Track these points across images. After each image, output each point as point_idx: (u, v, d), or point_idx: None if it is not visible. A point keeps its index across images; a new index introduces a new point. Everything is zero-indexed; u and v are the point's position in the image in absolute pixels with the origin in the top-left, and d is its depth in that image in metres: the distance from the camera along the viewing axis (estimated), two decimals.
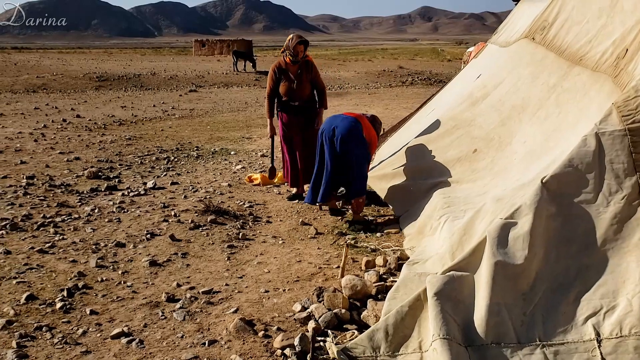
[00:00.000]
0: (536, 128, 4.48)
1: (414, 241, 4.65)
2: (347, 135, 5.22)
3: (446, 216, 4.39)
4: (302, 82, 6.00)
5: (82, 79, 23.33)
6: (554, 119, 4.30)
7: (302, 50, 5.96)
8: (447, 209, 4.48)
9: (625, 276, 2.94)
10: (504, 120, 5.05)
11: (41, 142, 9.75)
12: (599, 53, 4.12)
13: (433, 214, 4.64)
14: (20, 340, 3.18)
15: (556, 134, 4.12)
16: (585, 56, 4.35)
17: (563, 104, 4.29)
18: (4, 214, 5.52)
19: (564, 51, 4.77)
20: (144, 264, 4.35)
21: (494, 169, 4.76)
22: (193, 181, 7.13)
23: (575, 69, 4.42)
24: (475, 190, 4.63)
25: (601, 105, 3.59)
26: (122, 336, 3.27)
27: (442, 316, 2.86)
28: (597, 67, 4.04)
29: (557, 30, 5.08)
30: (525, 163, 4.25)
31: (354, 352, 2.87)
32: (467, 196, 4.55)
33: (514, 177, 4.21)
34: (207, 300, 3.75)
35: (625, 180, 3.08)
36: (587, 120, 3.67)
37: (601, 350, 2.77)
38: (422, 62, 37.83)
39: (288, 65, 6.00)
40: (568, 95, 4.31)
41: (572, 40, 4.76)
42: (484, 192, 4.44)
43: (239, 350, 3.12)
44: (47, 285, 3.96)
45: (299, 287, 3.98)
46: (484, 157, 4.99)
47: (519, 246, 3.02)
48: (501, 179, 4.45)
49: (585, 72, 4.22)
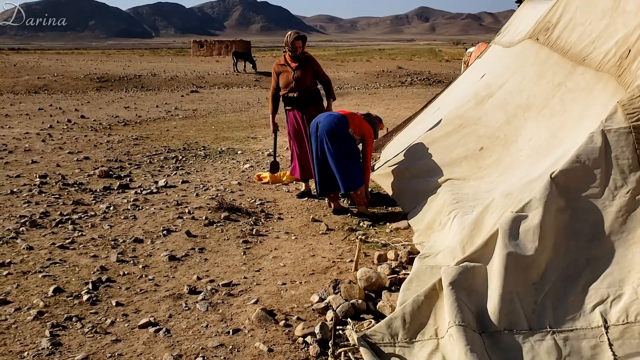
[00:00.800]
0: (541, 126, 4.62)
1: (423, 236, 4.80)
2: (329, 131, 5.39)
3: (455, 212, 4.53)
4: (302, 73, 6.11)
5: (83, 80, 23.45)
6: (559, 117, 4.44)
7: (300, 46, 6.10)
8: (455, 204, 4.62)
9: (630, 266, 3.08)
10: (509, 119, 5.20)
11: (49, 142, 9.88)
12: (602, 53, 4.26)
13: (442, 209, 4.78)
14: (52, 330, 3.32)
15: (561, 132, 4.26)
16: (589, 56, 4.49)
17: (567, 103, 4.43)
18: (21, 211, 5.66)
19: (567, 51, 4.92)
20: (163, 258, 4.50)
21: (500, 165, 4.90)
22: (203, 180, 7.27)
23: (579, 69, 4.57)
24: (483, 187, 4.77)
25: (605, 104, 3.74)
26: (149, 326, 3.41)
27: (457, 304, 3.00)
28: (600, 66, 4.19)
29: (561, 31, 5.23)
30: (532, 160, 4.40)
31: (374, 339, 3.02)
32: (475, 193, 4.69)
33: (521, 173, 4.35)
34: (227, 292, 3.90)
35: (630, 176, 3.22)
36: (592, 117, 3.81)
37: (609, 336, 2.91)
38: (420, 63, 38.00)
39: (288, 61, 6.16)
40: (572, 95, 4.45)
41: (575, 40, 4.90)
42: (492, 188, 4.58)
43: (262, 338, 3.27)
44: (72, 278, 4.10)
45: (315, 280, 4.12)
46: (490, 155, 5.13)
47: (530, 238, 3.16)
48: (508, 175, 4.59)
49: (589, 72, 4.36)
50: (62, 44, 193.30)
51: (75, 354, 3.08)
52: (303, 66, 6.14)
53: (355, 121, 5.58)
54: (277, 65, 6.26)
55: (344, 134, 5.45)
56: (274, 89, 6.32)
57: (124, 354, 3.10)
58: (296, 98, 6.17)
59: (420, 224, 5.07)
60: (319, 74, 6.29)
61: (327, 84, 6.41)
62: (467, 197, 4.71)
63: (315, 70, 6.24)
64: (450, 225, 4.44)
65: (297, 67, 6.11)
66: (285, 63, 6.17)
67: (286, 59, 6.18)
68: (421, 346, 3.00)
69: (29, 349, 3.13)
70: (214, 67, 31.82)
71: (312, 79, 6.24)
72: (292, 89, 6.14)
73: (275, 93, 6.34)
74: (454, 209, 4.56)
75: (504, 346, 2.93)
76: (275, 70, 6.26)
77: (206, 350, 3.14)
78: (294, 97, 6.16)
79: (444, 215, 4.69)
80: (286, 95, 6.20)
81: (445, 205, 4.80)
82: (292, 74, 6.09)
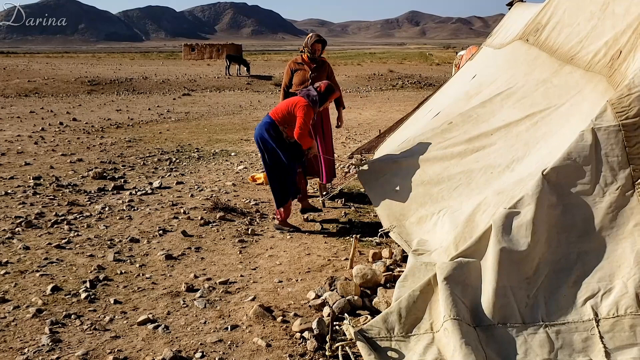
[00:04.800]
0: (518, 112, 4.66)
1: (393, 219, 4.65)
2: (260, 138, 5.16)
3: (445, 210, 4.53)
4: (318, 74, 6.17)
5: (74, 83, 23.38)
6: (538, 107, 4.49)
7: (320, 49, 6.17)
8: (441, 200, 4.56)
9: (620, 261, 3.16)
10: (484, 103, 5.22)
11: (41, 144, 9.87)
12: (590, 53, 4.33)
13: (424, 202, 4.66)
14: (52, 327, 3.35)
15: (542, 123, 4.31)
16: (576, 56, 4.57)
17: (552, 97, 4.48)
18: (16, 212, 5.67)
19: (555, 51, 5.00)
20: (160, 257, 4.53)
21: (465, 138, 4.86)
22: (197, 181, 7.31)
23: (566, 68, 4.64)
24: (453, 169, 4.67)
25: (595, 103, 3.82)
26: (148, 322, 3.45)
27: (452, 299, 3.06)
28: (590, 66, 4.27)
29: (549, 32, 5.31)
30: (504, 136, 4.46)
31: (370, 333, 3.07)
32: (450, 175, 4.63)
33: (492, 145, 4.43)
34: (224, 290, 3.94)
35: (620, 172, 3.30)
36: (580, 114, 3.91)
37: (599, 329, 2.99)
38: (411, 66, 38.17)
39: (305, 61, 6.22)
40: (558, 91, 4.50)
41: (563, 40, 4.98)
42: (464, 168, 4.54)
43: (260, 333, 3.31)
44: (69, 277, 4.13)
45: (311, 278, 4.18)
46: (458, 130, 5.10)
47: (523, 234, 3.23)
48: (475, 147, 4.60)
49: (578, 71, 4.43)
50: (51, 47, 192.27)
51: (75, 350, 3.11)
52: (319, 69, 6.22)
53: (278, 111, 5.16)
54: (293, 62, 6.32)
55: (276, 137, 5.09)
56: (286, 86, 6.37)
57: (124, 350, 3.14)
58: None
59: (387, 210, 4.90)
60: (331, 80, 6.37)
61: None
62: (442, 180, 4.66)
63: (329, 76, 6.33)
64: (441, 223, 4.45)
65: (315, 68, 6.19)
66: (303, 62, 6.24)
67: (303, 59, 6.24)
68: (417, 340, 3.06)
69: (29, 345, 3.16)
70: (205, 71, 31.81)
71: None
72: (306, 87, 6.20)
73: (287, 88, 6.39)
74: (442, 208, 4.53)
75: (498, 339, 3.00)
76: (291, 67, 6.30)
77: (205, 346, 3.18)
78: None
79: (431, 211, 4.59)
80: (297, 93, 6.25)
81: (428, 202, 4.67)
82: (310, 73, 6.16)
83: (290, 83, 6.30)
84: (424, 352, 2.99)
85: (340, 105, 6.54)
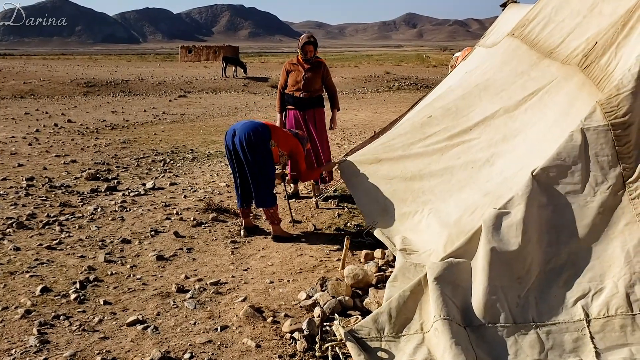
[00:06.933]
0: (496, 105, 4.67)
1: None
2: (248, 138, 4.75)
3: (429, 208, 4.48)
4: (312, 75, 6.16)
5: (70, 85, 23.32)
6: (517, 99, 4.50)
7: (312, 50, 6.16)
8: (422, 196, 4.55)
9: (611, 261, 3.16)
10: (464, 95, 5.24)
11: (35, 145, 9.84)
12: (570, 48, 4.34)
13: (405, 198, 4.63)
14: (40, 328, 3.33)
15: (521, 115, 4.34)
16: (556, 50, 4.57)
17: (528, 90, 4.50)
18: (8, 213, 5.64)
19: (536, 44, 5.01)
20: (151, 258, 4.51)
21: (446, 134, 4.87)
22: (191, 182, 7.29)
23: (545, 61, 4.65)
24: (434, 165, 4.69)
25: (569, 94, 3.85)
26: (137, 323, 3.42)
27: (442, 299, 3.05)
28: (567, 60, 4.27)
29: (534, 27, 5.33)
30: (482, 130, 4.49)
31: (360, 334, 3.06)
32: (431, 172, 4.64)
33: (472, 140, 4.47)
34: (215, 291, 3.92)
35: (610, 172, 3.30)
36: (555, 105, 3.95)
37: (590, 329, 2.98)
38: (408, 68, 38.19)
39: (300, 62, 6.22)
40: (535, 83, 4.51)
41: (545, 35, 4.99)
42: (446, 164, 4.56)
43: (250, 334, 3.30)
44: (59, 278, 4.11)
45: (303, 278, 4.16)
46: (438, 123, 5.10)
47: (513, 233, 3.22)
48: (455, 142, 4.63)
49: (555, 64, 4.44)
50: (48, 50, 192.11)
51: (63, 351, 3.09)
52: (314, 70, 6.20)
53: (279, 133, 5.03)
54: (288, 63, 6.33)
55: (264, 144, 4.84)
56: (282, 87, 6.36)
57: (112, 351, 3.12)
58: (302, 98, 6.21)
59: (369, 206, 4.88)
60: (327, 81, 6.35)
61: (333, 93, 6.49)
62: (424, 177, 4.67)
63: (325, 77, 6.32)
64: (426, 222, 4.38)
65: (309, 69, 6.18)
66: (298, 63, 6.23)
67: (299, 60, 6.24)
68: (407, 340, 3.05)
69: (17, 346, 3.14)
70: (201, 73, 31.79)
71: (320, 83, 6.32)
72: (299, 89, 6.19)
73: (283, 89, 6.38)
74: (428, 207, 4.49)
75: (488, 340, 2.99)
76: (286, 68, 6.31)
77: (194, 347, 3.16)
78: (300, 97, 6.20)
79: (415, 209, 4.56)
80: (292, 94, 6.23)
81: (410, 199, 4.65)
82: (303, 74, 6.15)
83: (286, 84, 6.30)
84: (414, 352, 2.97)
85: (335, 107, 6.53)
